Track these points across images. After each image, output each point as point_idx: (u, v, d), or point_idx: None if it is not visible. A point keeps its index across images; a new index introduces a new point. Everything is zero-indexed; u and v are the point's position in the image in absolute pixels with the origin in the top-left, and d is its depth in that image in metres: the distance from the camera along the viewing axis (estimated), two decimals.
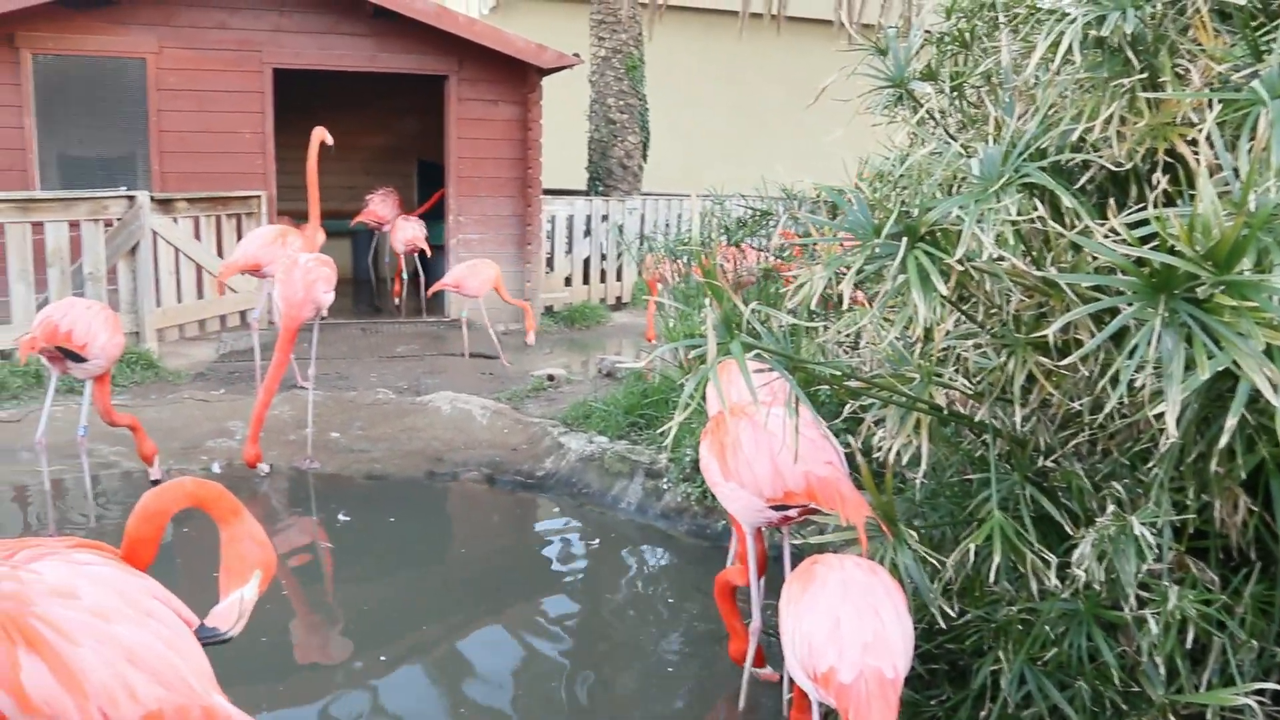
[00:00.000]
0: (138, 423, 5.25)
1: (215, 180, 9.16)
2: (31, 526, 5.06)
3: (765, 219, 5.28)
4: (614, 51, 12.25)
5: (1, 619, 2.04)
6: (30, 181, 8.75)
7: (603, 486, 5.47)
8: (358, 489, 5.71)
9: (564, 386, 7.33)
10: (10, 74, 8.69)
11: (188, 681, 2.13)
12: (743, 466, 3.13)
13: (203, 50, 9.21)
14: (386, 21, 9.49)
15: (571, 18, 15.08)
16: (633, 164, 12.50)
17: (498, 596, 4.54)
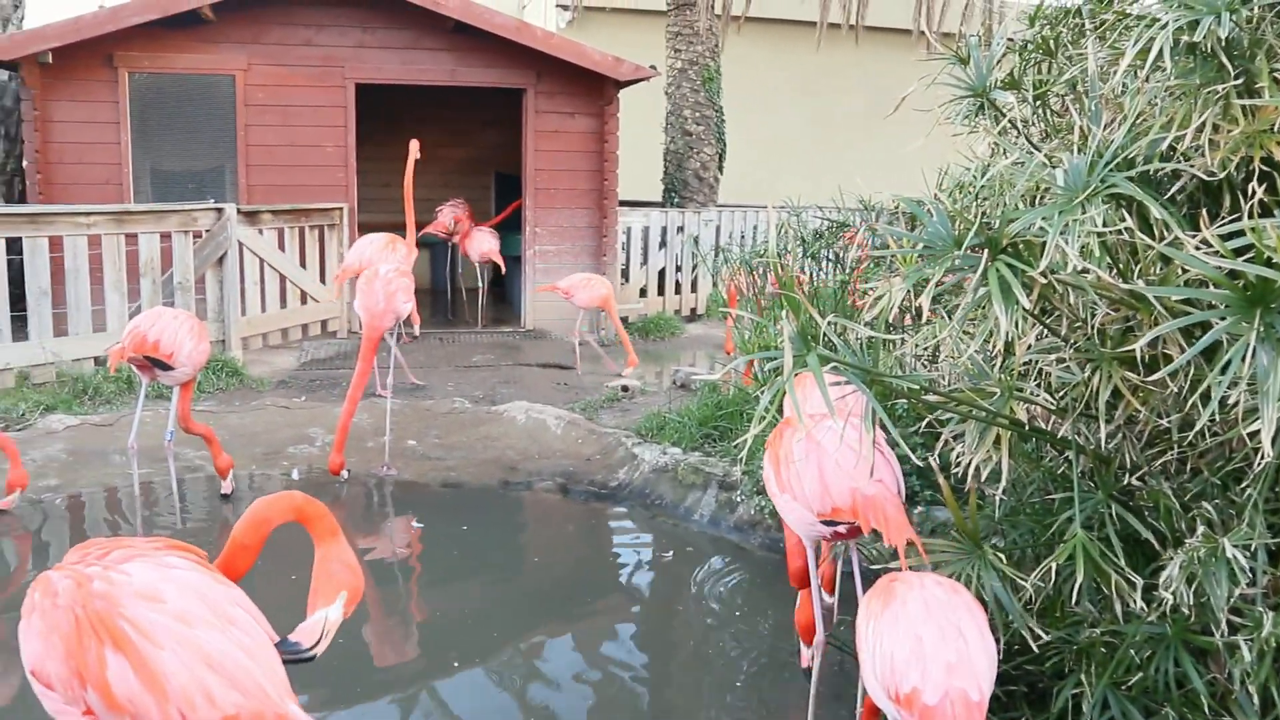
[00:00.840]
0: (213, 435, 5.35)
1: (298, 193, 9.38)
2: (120, 528, 5.20)
3: (842, 230, 5.23)
4: (690, 63, 12.27)
5: (92, 618, 2.12)
6: (125, 194, 9.04)
7: (676, 498, 5.46)
8: (433, 496, 5.77)
9: (638, 397, 7.34)
10: (108, 92, 9.00)
11: (263, 688, 2.17)
12: (794, 479, 3.11)
13: (289, 66, 9.44)
14: (466, 36, 9.63)
15: (648, 30, 15.15)
16: (709, 175, 12.50)
17: (569, 606, 4.55)
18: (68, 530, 5.15)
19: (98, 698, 2.10)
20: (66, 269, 7.39)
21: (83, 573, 2.20)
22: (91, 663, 2.09)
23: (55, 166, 8.94)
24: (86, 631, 2.11)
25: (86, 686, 2.11)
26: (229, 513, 5.44)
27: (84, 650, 2.10)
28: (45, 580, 2.23)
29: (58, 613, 2.15)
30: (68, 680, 2.13)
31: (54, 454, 5.55)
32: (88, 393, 6.91)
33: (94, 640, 2.11)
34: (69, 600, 2.15)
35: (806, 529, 3.18)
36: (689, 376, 7.47)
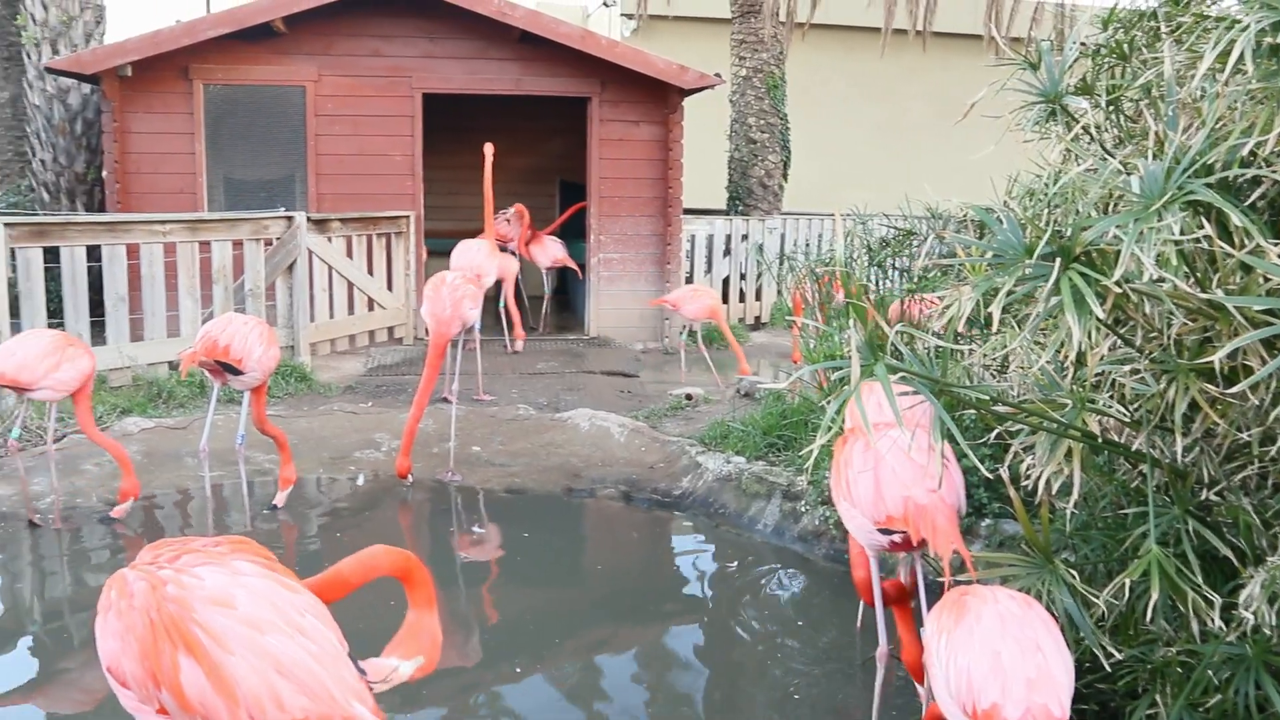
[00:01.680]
0: (286, 442, 5.42)
1: (366, 201, 9.52)
2: (191, 528, 5.31)
3: (909, 239, 5.18)
4: (755, 71, 12.24)
5: (166, 622, 2.16)
6: (199, 203, 9.25)
7: (739, 507, 5.43)
8: (497, 502, 5.81)
9: (701, 406, 7.32)
10: (184, 104, 9.22)
11: (331, 693, 2.20)
12: (852, 486, 3.09)
13: (358, 77, 9.59)
14: (532, 46, 9.71)
15: (712, 38, 15.14)
16: (773, 183, 12.45)
17: (631, 613, 4.55)
18: (142, 529, 5.27)
19: (171, 699, 2.15)
20: (143, 275, 7.59)
21: (157, 575, 2.25)
22: (166, 666, 2.14)
23: (133, 176, 9.18)
24: (161, 635, 2.16)
25: (161, 688, 2.16)
26: (290, 518, 5.53)
27: (159, 653, 2.15)
28: (121, 579, 2.28)
29: (133, 614, 2.20)
30: (143, 680, 2.18)
31: (130, 455, 5.67)
32: (162, 396, 7.07)
33: (168, 644, 2.15)
34: (144, 603, 2.20)
35: (866, 537, 3.16)
36: (753, 385, 7.43)
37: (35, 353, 4.94)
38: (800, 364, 6.96)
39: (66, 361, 5.00)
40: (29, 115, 10.38)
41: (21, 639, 4.22)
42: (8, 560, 5.01)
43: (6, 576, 4.83)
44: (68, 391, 5.08)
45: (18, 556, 5.03)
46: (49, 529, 5.21)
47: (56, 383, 4.99)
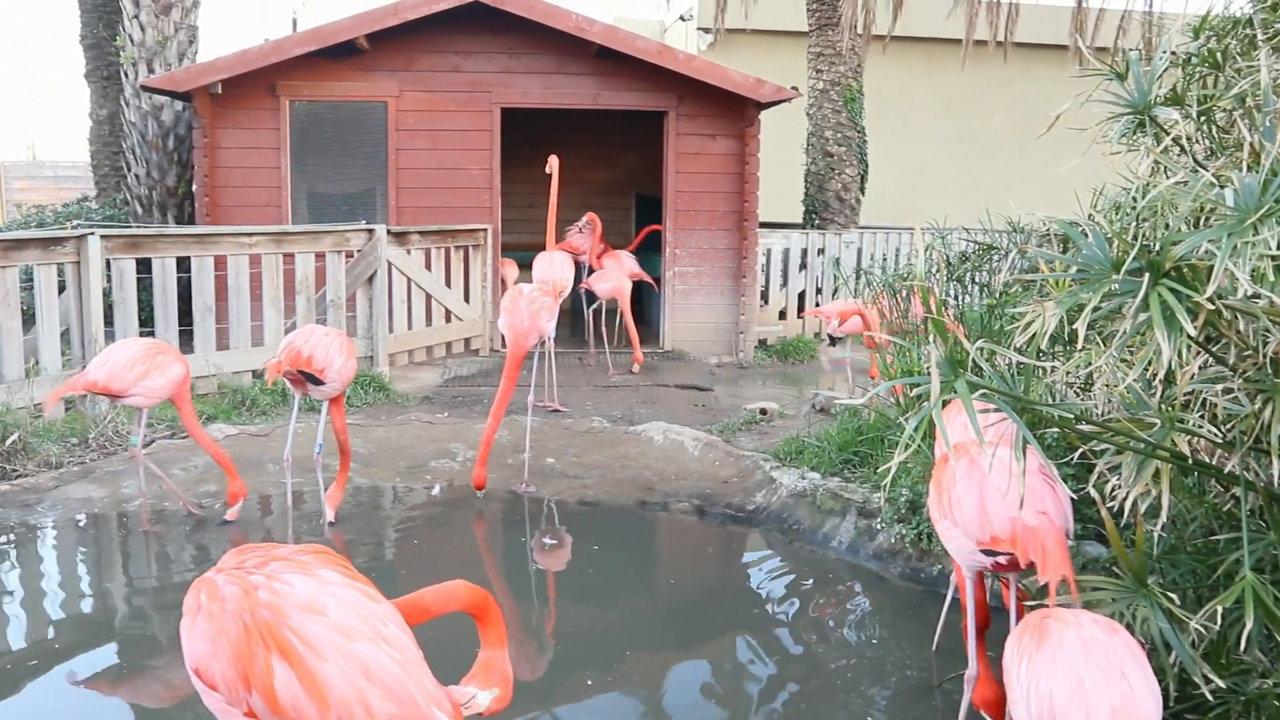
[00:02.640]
0: (349, 460, 5.48)
1: (445, 214, 9.66)
2: (272, 534, 5.42)
3: (989, 253, 5.09)
4: (832, 84, 12.17)
5: (260, 626, 2.22)
6: (284, 216, 9.47)
7: (814, 524, 5.38)
8: (571, 514, 5.83)
9: (776, 420, 7.27)
10: (271, 119, 9.46)
11: (416, 700, 2.24)
12: (954, 505, 3.02)
13: (438, 93, 9.75)
14: (609, 61, 9.77)
15: (789, 51, 15.09)
16: (850, 197, 12.35)
17: (703, 628, 4.52)
18: (225, 534, 5.39)
19: (262, 702, 2.20)
20: (229, 286, 7.79)
21: (248, 580, 2.30)
22: (259, 670, 2.20)
23: (221, 190, 9.43)
24: (255, 639, 2.21)
25: (252, 691, 2.21)
26: (366, 526, 5.60)
27: (252, 657, 2.21)
28: (210, 583, 2.33)
29: (225, 618, 2.25)
30: (233, 683, 2.23)
31: (212, 462, 5.81)
32: (246, 404, 7.24)
33: (262, 648, 2.21)
34: (237, 607, 2.25)
35: (966, 558, 3.09)
36: (828, 400, 7.36)
37: (125, 360, 5.11)
38: (878, 380, 6.87)
39: (156, 369, 5.15)
40: (125, 132, 10.74)
41: (110, 636, 4.34)
42: (99, 560, 5.16)
43: (95, 575, 4.98)
44: (160, 398, 5.24)
45: (108, 556, 5.19)
46: (136, 530, 5.35)
47: (147, 389, 5.15)
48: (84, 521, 5.51)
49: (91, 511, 5.58)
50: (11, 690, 3.81)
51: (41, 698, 3.80)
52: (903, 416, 5.31)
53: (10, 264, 6.55)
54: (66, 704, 3.78)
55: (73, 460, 6.08)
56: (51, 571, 5.10)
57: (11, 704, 3.72)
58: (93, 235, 6.95)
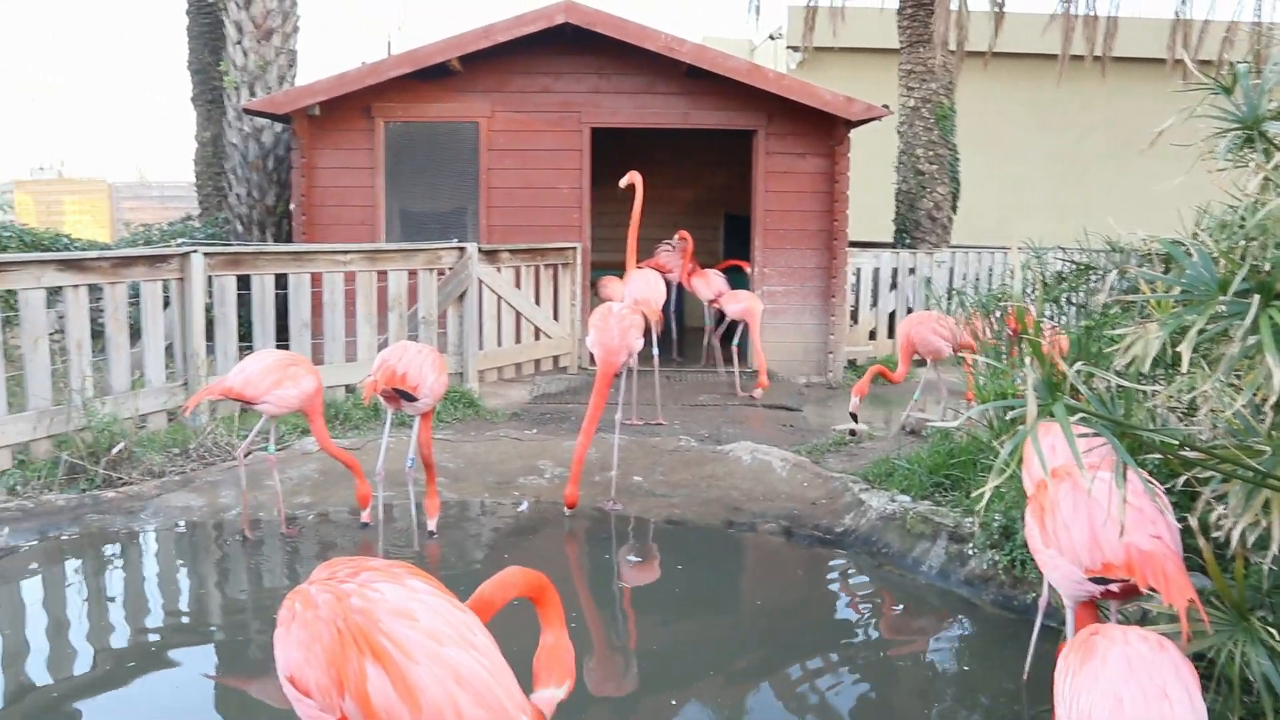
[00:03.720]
0: (435, 472, 5.57)
1: (535, 233, 9.76)
2: (364, 546, 5.51)
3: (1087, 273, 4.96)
4: (924, 101, 12.02)
5: (354, 631, 2.27)
6: (377, 234, 9.68)
7: (903, 547, 5.28)
8: (657, 533, 5.82)
9: (865, 442, 7.18)
10: (366, 140, 9.69)
11: (504, 705, 2.27)
12: (1060, 532, 2.93)
13: (529, 113, 9.88)
14: (699, 80, 9.79)
15: (879, 69, 14.95)
16: (941, 215, 12.17)
17: (789, 651, 4.47)
18: (316, 545, 5.50)
19: (355, 707, 2.25)
20: (324, 303, 7.97)
21: (340, 588, 2.36)
22: (352, 673, 2.24)
23: (317, 209, 9.68)
24: (348, 644, 2.26)
25: (345, 695, 2.25)
26: (454, 540, 5.66)
27: (345, 661, 2.26)
28: (304, 593, 2.39)
29: (319, 624, 2.31)
30: (327, 689, 2.28)
31: (308, 473, 5.95)
32: (339, 417, 7.39)
33: (355, 652, 2.26)
34: (330, 613, 2.31)
35: (1071, 587, 2.99)
36: (919, 422, 7.24)
37: (260, 369, 5.35)
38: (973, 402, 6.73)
39: (289, 380, 5.38)
40: (227, 153, 11.10)
41: (205, 639, 4.46)
42: (196, 566, 5.31)
43: (193, 580, 5.13)
44: (290, 408, 5.46)
45: (205, 563, 5.33)
46: (232, 538, 5.49)
47: (278, 398, 5.37)
48: (183, 529, 5.68)
49: (191, 520, 5.75)
50: (110, 686, 3.94)
51: (137, 696, 3.92)
52: (996, 440, 5.19)
53: (119, 280, 6.81)
54: (160, 703, 3.89)
55: (174, 469, 6.27)
56: (152, 576, 5.28)
57: (109, 699, 3.84)
58: (196, 253, 7.19)
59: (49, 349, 6.40)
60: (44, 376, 6.31)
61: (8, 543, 5.33)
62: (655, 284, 7.92)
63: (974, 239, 13.14)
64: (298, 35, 10.99)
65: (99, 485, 5.95)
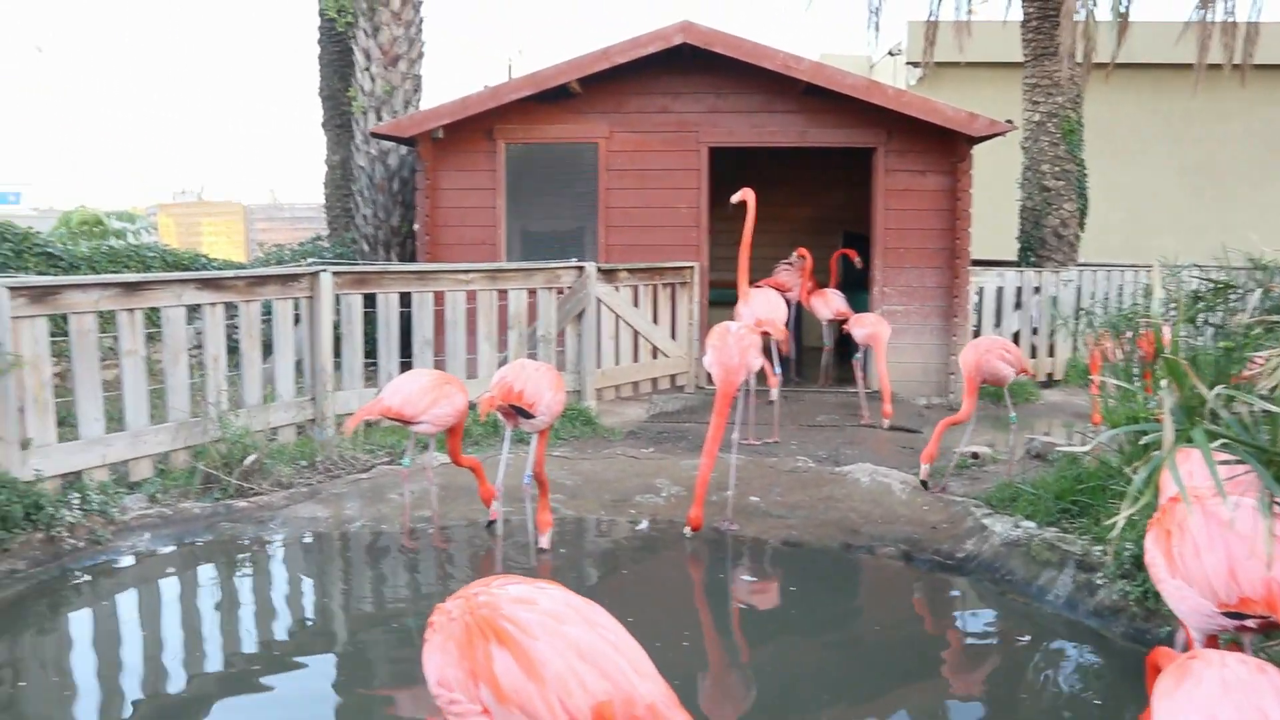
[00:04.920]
0: (547, 490, 5.60)
1: (652, 252, 9.81)
2: (482, 561, 5.59)
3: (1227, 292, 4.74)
4: (1049, 115, 11.70)
5: (479, 621, 2.40)
6: (498, 254, 9.86)
7: (1028, 575, 5.11)
8: (773, 554, 5.76)
9: (988, 465, 6.99)
10: (488, 162, 9.90)
11: (630, 678, 2.33)
12: (1190, 562, 2.78)
13: (647, 133, 9.96)
14: (817, 98, 9.73)
15: (1002, 83, 14.65)
16: (1068, 233, 11.82)
17: (906, 678, 4.37)
18: (433, 558, 5.60)
19: (489, 693, 2.34)
20: (446, 321, 8.15)
21: (468, 592, 2.51)
22: (481, 659, 2.35)
23: (440, 229, 9.92)
24: (475, 634, 2.38)
25: (479, 684, 2.35)
26: (570, 556, 5.69)
27: (474, 650, 2.36)
28: (440, 609, 2.53)
29: (452, 625, 2.44)
30: (464, 682, 2.38)
31: (428, 488, 6.07)
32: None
33: (481, 639, 2.37)
34: (460, 613, 2.45)
35: (1201, 620, 2.85)
36: (1045, 446, 7.02)
37: (418, 389, 5.47)
38: (1101, 426, 6.49)
39: (444, 399, 5.50)
40: (355, 175, 11.46)
41: (329, 647, 4.58)
42: (321, 576, 5.47)
43: (318, 590, 5.27)
44: (444, 426, 5.57)
45: (329, 573, 5.49)
46: (356, 548, 5.64)
47: (435, 417, 5.49)
48: (309, 539, 5.85)
49: (316, 530, 5.92)
50: (238, 689, 4.08)
51: (263, 699, 4.05)
52: (1127, 465, 4.99)
53: (254, 298, 7.08)
54: (284, 705, 4.01)
55: (301, 481, 6.47)
56: (279, 584, 5.45)
57: (237, 700, 3.97)
58: (325, 272, 7.43)
59: (188, 364, 6.69)
60: (183, 390, 6.60)
61: (149, 547, 5.58)
62: (777, 303, 7.87)
63: (1103, 257, 12.73)
64: (422, 61, 11.31)
65: (232, 495, 6.18)
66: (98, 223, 17.12)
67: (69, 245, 11.09)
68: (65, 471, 5.92)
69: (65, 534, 5.40)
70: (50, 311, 5.89)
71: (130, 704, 4.03)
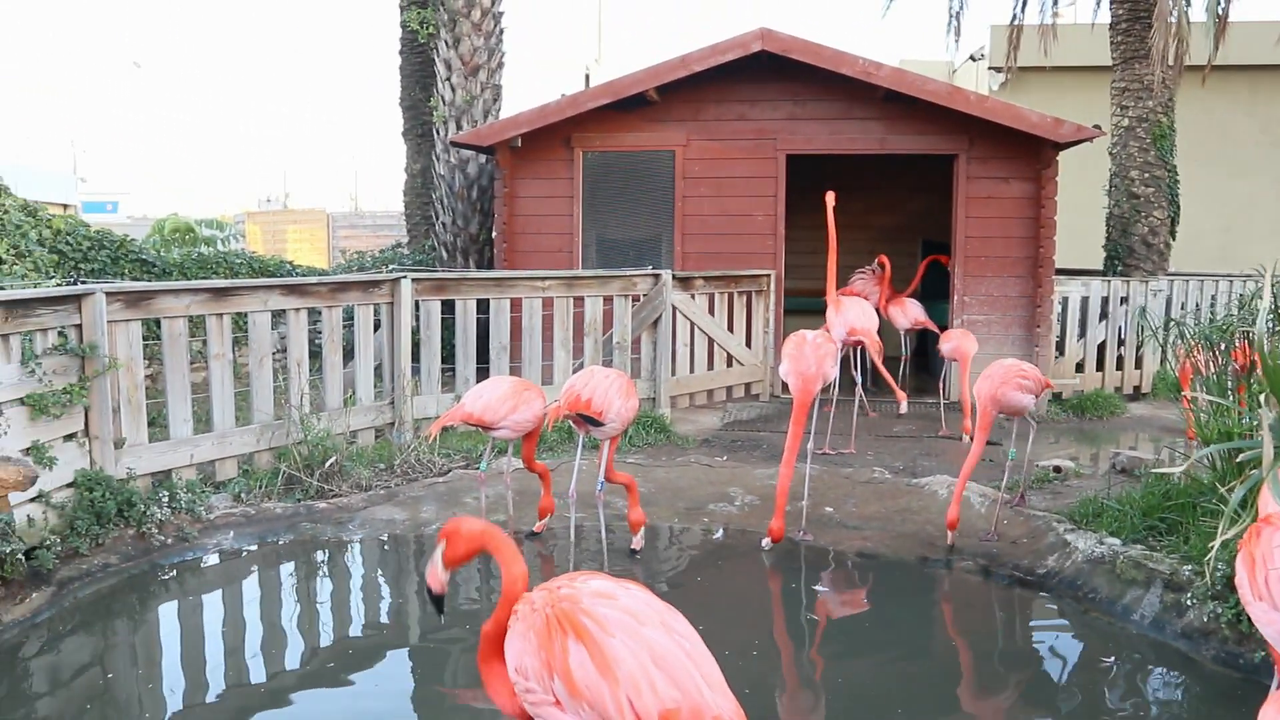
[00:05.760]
0: (635, 487, 5.60)
1: (728, 260, 9.78)
2: (555, 565, 5.61)
3: None
4: (1139, 120, 11.40)
5: (559, 614, 2.44)
6: (574, 261, 9.91)
7: (1112, 594, 4.96)
8: (848, 565, 5.69)
9: (1071, 480, 6.82)
10: (566, 169, 9.96)
11: (701, 689, 2.34)
12: (1275, 586, 2.68)
13: (723, 141, 9.93)
14: (897, 104, 9.61)
15: (1088, 87, 14.33)
16: (1157, 241, 11.49)
17: (982, 697, 4.28)
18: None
19: (562, 685, 2.38)
20: (523, 327, 8.21)
21: (552, 584, 2.56)
22: (557, 652, 2.39)
23: (518, 236, 10.01)
24: (554, 626, 2.43)
25: (554, 676, 2.39)
26: (643, 563, 5.68)
27: (552, 642, 2.41)
28: (526, 599, 2.58)
29: (534, 615, 2.49)
30: (539, 672, 2.42)
31: (503, 492, 6.11)
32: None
33: (559, 633, 2.41)
34: (542, 604, 2.50)
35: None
36: (1132, 460, 6.82)
37: (499, 396, 5.56)
38: (1195, 442, 6.27)
39: (524, 405, 5.58)
40: (434, 184, 11.63)
41: (402, 644, 4.63)
42: (398, 576, 5.54)
43: (394, 589, 5.34)
44: (522, 432, 5.65)
45: (406, 573, 5.55)
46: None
47: (514, 423, 5.57)
48: (387, 540, 5.94)
49: (394, 532, 6.01)
50: (316, 683, 4.16)
51: (340, 693, 4.12)
52: (1221, 483, 4.83)
53: (336, 304, 7.21)
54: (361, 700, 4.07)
55: (379, 484, 6.57)
56: (357, 583, 5.55)
57: (315, 694, 4.05)
58: (405, 279, 7.54)
59: (272, 367, 6.84)
60: (267, 393, 6.74)
61: (233, 545, 5.71)
62: (870, 312, 7.79)
63: (1196, 266, 12.37)
64: (502, 71, 11.43)
65: (312, 496, 6.30)
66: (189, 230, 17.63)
67: (162, 252, 11.43)
68: (155, 470, 6.09)
69: (155, 531, 5.55)
70: (144, 316, 6.07)
71: (214, 694, 4.14)
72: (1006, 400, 5.80)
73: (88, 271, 9.38)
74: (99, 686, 4.23)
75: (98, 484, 5.49)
